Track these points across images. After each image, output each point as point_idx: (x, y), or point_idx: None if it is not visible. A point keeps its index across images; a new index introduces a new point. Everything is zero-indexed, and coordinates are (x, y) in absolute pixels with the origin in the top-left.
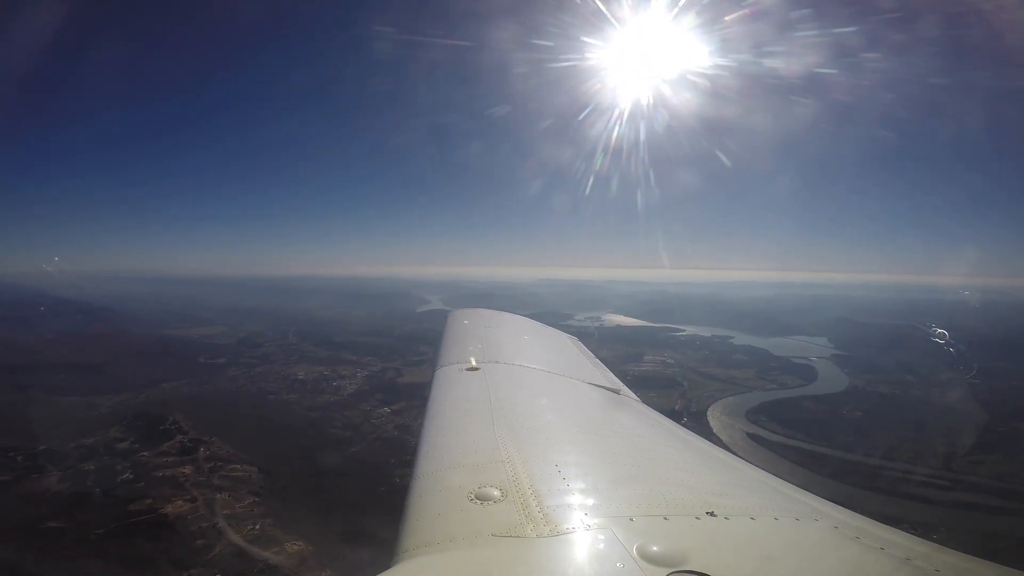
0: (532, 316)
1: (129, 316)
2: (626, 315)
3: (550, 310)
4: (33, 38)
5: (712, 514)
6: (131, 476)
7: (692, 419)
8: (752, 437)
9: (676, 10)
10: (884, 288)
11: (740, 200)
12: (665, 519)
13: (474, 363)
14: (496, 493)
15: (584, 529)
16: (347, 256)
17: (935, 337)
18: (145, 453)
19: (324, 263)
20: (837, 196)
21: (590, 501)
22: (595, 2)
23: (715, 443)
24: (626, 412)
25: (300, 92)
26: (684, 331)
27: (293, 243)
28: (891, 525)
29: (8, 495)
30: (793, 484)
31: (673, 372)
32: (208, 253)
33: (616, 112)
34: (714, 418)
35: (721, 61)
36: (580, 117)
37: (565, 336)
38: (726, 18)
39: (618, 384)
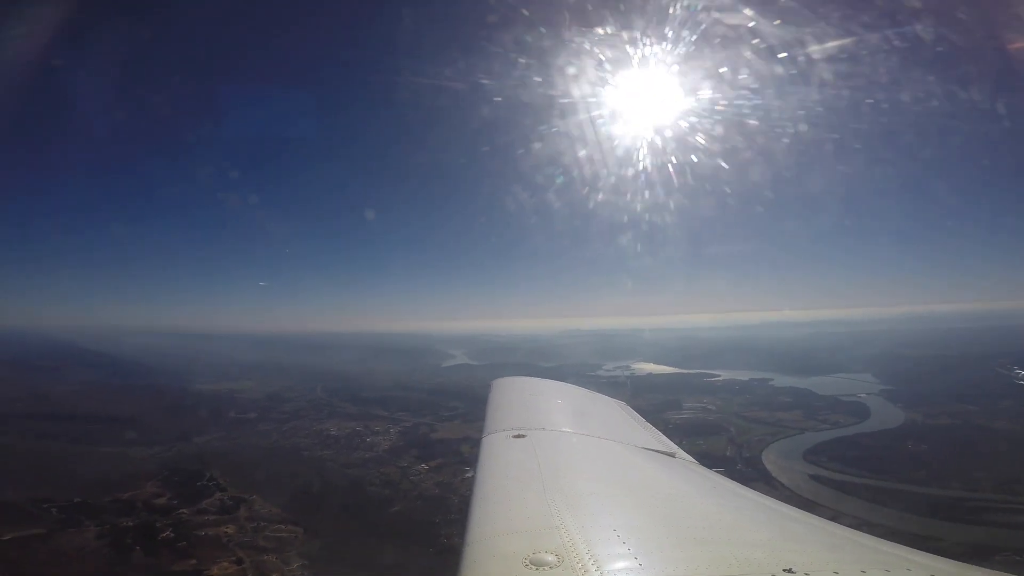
0: (559, 369)
1: (158, 369)
2: (656, 362)
3: (577, 361)
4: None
5: (791, 571)
6: (172, 535)
7: (746, 465)
8: (815, 478)
9: (699, 44)
10: (921, 319)
11: (764, 239)
12: None
13: (521, 431)
14: (551, 559)
15: None
16: (366, 313)
17: (1019, 380)
18: (185, 510)
19: (344, 320)
20: (865, 233)
21: (655, 565)
22: (613, 41)
23: (776, 487)
24: (684, 474)
25: (313, 146)
26: (719, 376)
27: (313, 301)
28: (986, 555)
29: (45, 549)
30: (874, 534)
31: (716, 418)
32: (230, 310)
33: (634, 157)
34: (770, 462)
35: (740, 94)
36: (597, 165)
37: (613, 401)
38: (748, 49)
39: (673, 447)
